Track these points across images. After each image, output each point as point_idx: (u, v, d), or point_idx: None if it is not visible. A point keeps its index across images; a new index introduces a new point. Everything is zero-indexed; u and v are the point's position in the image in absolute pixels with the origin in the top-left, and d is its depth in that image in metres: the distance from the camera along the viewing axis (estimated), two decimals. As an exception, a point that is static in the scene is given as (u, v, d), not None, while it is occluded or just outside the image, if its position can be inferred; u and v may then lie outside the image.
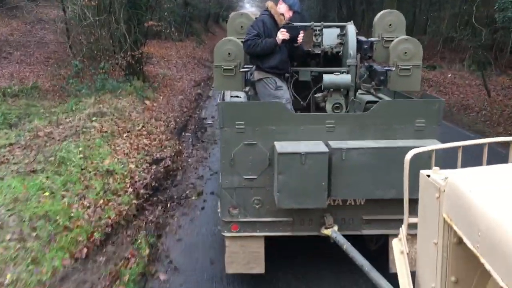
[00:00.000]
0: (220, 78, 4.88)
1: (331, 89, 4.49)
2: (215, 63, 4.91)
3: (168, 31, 17.75)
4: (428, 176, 1.67)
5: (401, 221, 2.03)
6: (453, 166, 1.84)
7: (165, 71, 18.02)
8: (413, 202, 1.92)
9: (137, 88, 12.99)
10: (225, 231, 4.24)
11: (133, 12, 14.03)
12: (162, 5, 17.39)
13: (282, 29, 4.63)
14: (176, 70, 19.42)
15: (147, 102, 12.36)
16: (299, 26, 4.84)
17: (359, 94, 5.06)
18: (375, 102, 4.72)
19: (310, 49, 5.23)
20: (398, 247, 1.97)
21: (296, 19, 5.13)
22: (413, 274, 1.90)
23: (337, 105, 4.46)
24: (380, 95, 5.20)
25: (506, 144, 1.88)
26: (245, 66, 4.92)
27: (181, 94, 14.74)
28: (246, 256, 4.26)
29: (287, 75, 4.95)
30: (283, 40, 4.63)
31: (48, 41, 17.55)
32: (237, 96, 5.24)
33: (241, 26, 5.22)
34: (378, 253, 4.30)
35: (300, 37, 4.81)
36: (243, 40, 4.81)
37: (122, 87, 12.64)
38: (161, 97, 13.48)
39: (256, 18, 5.04)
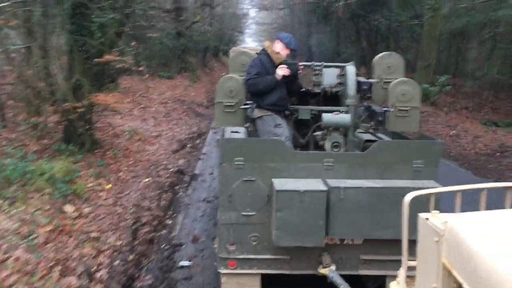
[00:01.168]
0: (221, 114, 4.94)
1: (330, 128, 4.54)
2: (216, 99, 4.98)
3: (134, 68, 13.51)
4: (427, 219, 1.68)
5: (398, 262, 2.02)
6: (450, 204, 1.86)
7: (136, 124, 12.32)
8: (411, 243, 1.92)
9: (67, 172, 6.93)
10: (222, 268, 4.19)
11: (79, 38, 8.13)
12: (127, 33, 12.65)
13: (281, 66, 4.75)
14: (153, 122, 13.56)
15: (69, 208, 6.13)
16: (297, 63, 4.96)
17: (357, 133, 5.12)
18: (373, 141, 4.76)
19: (310, 88, 5.32)
20: None
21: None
22: None
23: (336, 143, 4.51)
24: (379, 134, 5.25)
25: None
26: (246, 103, 4.99)
27: (148, 173, 8.88)
28: None
29: (287, 112, 5.02)
30: (283, 76, 4.73)
31: None
32: (237, 132, 5.29)
33: (243, 64, 5.33)
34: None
35: (300, 71, 4.94)
36: (244, 78, 4.92)
37: (35, 173, 6.29)
38: (108, 187, 7.47)
39: (256, 55, 5.16)
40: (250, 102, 4.97)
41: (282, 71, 4.73)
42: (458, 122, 15.28)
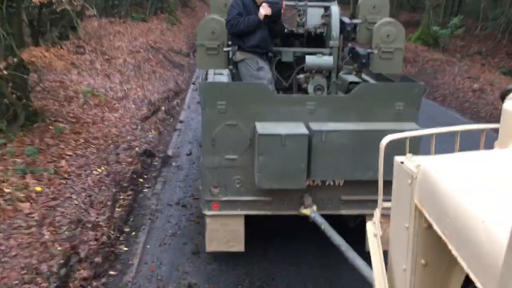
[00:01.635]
0: (203, 57, 4.85)
1: (313, 71, 4.50)
2: (198, 41, 4.86)
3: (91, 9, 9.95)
4: (402, 162, 1.72)
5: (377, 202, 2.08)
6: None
7: (96, 83, 9.68)
8: (389, 184, 1.97)
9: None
10: (206, 210, 4.28)
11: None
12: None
13: (264, 4, 4.63)
14: (119, 78, 10.67)
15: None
16: (278, 2, 4.83)
17: (341, 74, 5.09)
18: (357, 83, 4.75)
19: (293, 29, 5.22)
20: (372, 230, 2.04)
21: None
22: (386, 254, 1.97)
23: (319, 86, 4.49)
24: (364, 76, 5.23)
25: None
26: (229, 44, 4.89)
27: (103, 158, 6.57)
28: (227, 234, 4.32)
29: (269, 55, 4.94)
30: (266, 16, 4.62)
31: None
32: (221, 74, 5.23)
33: (225, 4, 5.17)
34: (356, 231, 4.40)
35: (283, 12, 4.82)
36: (225, 19, 4.79)
37: None
38: (37, 191, 5.16)
39: None
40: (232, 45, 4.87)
41: (264, 10, 4.62)
42: (477, 72, 13.31)
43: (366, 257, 3.35)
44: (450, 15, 19.00)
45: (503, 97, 1.71)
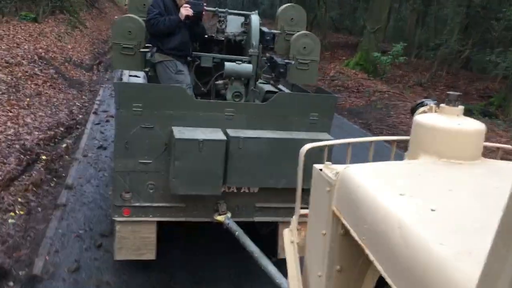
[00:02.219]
0: (118, 56, 4.65)
1: (232, 77, 4.51)
2: (112, 40, 4.67)
3: None
4: (321, 170, 1.76)
5: (290, 209, 2.12)
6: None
7: None
8: (304, 193, 2.01)
9: None
10: (116, 216, 4.09)
11: None
12: None
13: (185, 5, 4.57)
14: None
15: None
16: (200, 3, 4.80)
17: (259, 83, 5.16)
18: (274, 92, 4.85)
19: (213, 35, 5.20)
20: (288, 236, 2.06)
21: None
22: (301, 262, 2.00)
23: (237, 93, 4.51)
24: (280, 86, 5.35)
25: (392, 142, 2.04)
26: (146, 45, 4.75)
27: None
28: (137, 241, 4.16)
29: (189, 59, 4.88)
30: (187, 17, 4.56)
31: None
32: (137, 76, 5.05)
33: (144, 4, 5.03)
34: (268, 238, 4.45)
35: (204, 14, 4.79)
36: (145, 19, 4.65)
37: None
38: None
39: None
40: (150, 45, 4.73)
41: (185, 10, 4.56)
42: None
43: (278, 264, 3.45)
44: (389, 41, 17.89)
45: (413, 111, 1.83)
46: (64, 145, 7.35)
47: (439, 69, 16.16)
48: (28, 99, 8.37)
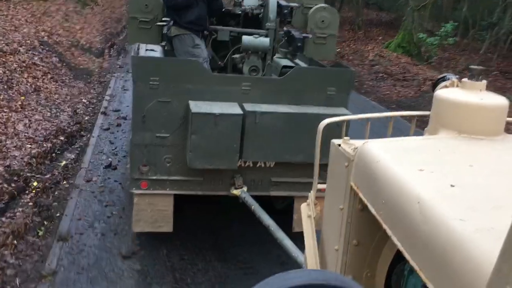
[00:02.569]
0: (135, 30, 4.64)
1: (249, 51, 4.47)
2: (130, 14, 4.65)
3: None
4: (339, 145, 1.75)
5: (306, 184, 2.12)
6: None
7: None
8: (321, 168, 2.01)
9: None
10: (134, 188, 4.16)
11: None
12: None
13: None
14: None
15: None
16: None
17: (276, 58, 5.11)
18: (291, 67, 4.80)
19: (230, 8, 5.14)
20: (305, 211, 2.07)
21: None
22: (318, 235, 2.02)
23: (254, 67, 4.48)
24: (297, 60, 5.29)
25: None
26: (163, 19, 4.72)
27: None
28: (154, 214, 4.23)
29: (205, 33, 4.84)
30: None
31: None
32: (153, 50, 5.05)
33: None
34: (284, 212, 4.48)
35: None
36: None
37: None
38: None
39: None
40: (167, 19, 4.70)
41: None
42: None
43: (293, 238, 3.48)
44: (440, 19, 15.42)
45: (434, 86, 1.80)
46: (63, 162, 5.75)
47: (489, 51, 13.99)
48: (22, 97, 6.75)
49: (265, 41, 4.47)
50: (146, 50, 4.97)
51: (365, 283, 1.68)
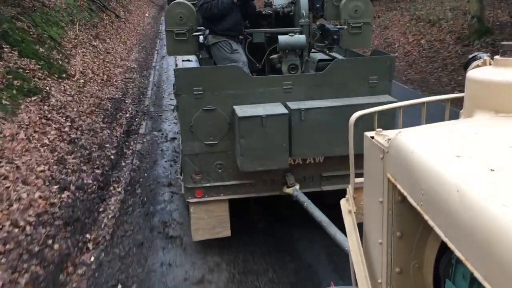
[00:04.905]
0: (172, 43, 4.79)
1: (287, 50, 4.49)
2: (166, 27, 4.80)
3: None
4: (372, 137, 1.74)
5: (358, 175, 2.11)
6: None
7: None
8: (361, 159, 1.98)
9: None
10: (190, 197, 4.29)
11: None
12: None
13: None
14: None
15: None
16: None
17: (311, 53, 5.09)
18: (326, 60, 4.77)
19: (261, 9, 5.18)
20: (345, 207, 2.06)
21: None
22: (360, 228, 2.00)
23: (292, 66, 4.49)
24: (333, 53, 5.25)
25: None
26: (198, 29, 4.84)
27: None
28: (212, 220, 4.34)
29: (241, 37, 4.91)
30: None
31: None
32: (189, 60, 5.18)
33: None
34: (336, 206, 4.45)
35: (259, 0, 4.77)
36: (195, 3, 4.72)
37: None
38: None
39: None
40: (202, 28, 4.81)
41: None
42: None
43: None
44: None
45: (465, 67, 1.73)
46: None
47: None
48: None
49: (301, 38, 4.47)
50: (183, 61, 5.11)
51: (413, 274, 1.65)
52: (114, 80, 11.28)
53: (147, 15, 25.33)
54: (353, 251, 1.89)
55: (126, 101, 10.21)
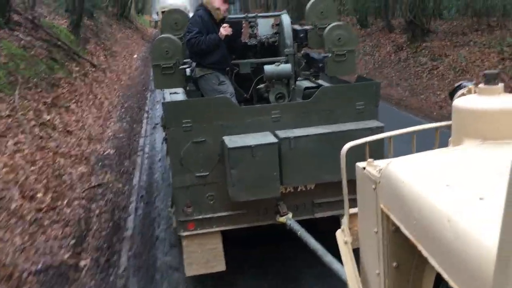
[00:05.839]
0: (159, 77, 4.81)
1: (273, 80, 4.54)
2: (152, 62, 4.84)
3: None
4: (364, 168, 1.76)
5: (351, 201, 2.11)
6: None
7: None
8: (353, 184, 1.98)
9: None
10: (182, 231, 4.23)
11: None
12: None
13: (224, 25, 4.64)
14: None
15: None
16: (239, 20, 4.86)
17: (297, 81, 5.16)
18: (312, 88, 4.83)
19: (246, 41, 5.26)
20: (341, 237, 2.06)
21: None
22: (356, 255, 1.99)
23: (280, 94, 4.53)
24: (319, 81, 5.33)
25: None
26: (184, 61, 4.88)
27: None
28: (205, 254, 4.28)
29: (227, 68, 4.96)
30: (226, 36, 4.64)
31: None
32: (176, 93, 5.21)
33: (175, 23, 5.16)
34: (330, 233, 4.42)
35: (244, 32, 4.85)
36: (181, 37, 4.78)
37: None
38: None
39: (192, 14, 5.00)
40: (189, 60, 4.86)
41: (225, 30, 4.63)
42: None
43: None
44: None
45: (451, 95, 1.78)
46: None
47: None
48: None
49: (286, 67, 4.53)
50: (170, 94, 5.13)
51: (412, 305, 1.65)
52: (64, 203, 5.74)
53: (135, 56, 20.94)
54: (350, 282, 1.88)
55: (80, 266, 4.77)
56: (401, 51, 15.09)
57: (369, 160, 1.75)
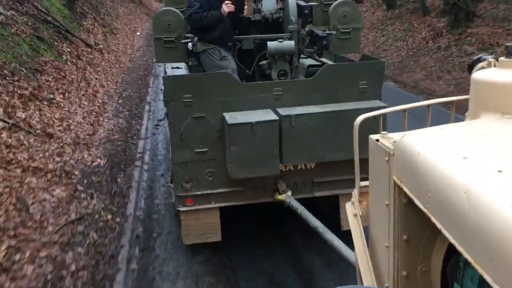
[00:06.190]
0: (161, 50, 4.74)
1: (276, 56, 4.48)
2: (154, 35, 4.75)
3: None
4: (377, 140, 1.73)
5: (350, 181, 2.10)
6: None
7: None
8: (363, 163, 1.97)
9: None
10: (180, 206, 4.23)
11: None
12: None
13: (226, 2, 4.55)
14: None
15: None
16: None
17: (300, 59, 5.10)
18: (316, 66, 4.78)
19: (250, 16, 5.17)
20: (351, 210, 2.05)
21: None
22: (365, 231, 1.98)
23: (282, 72, 4.48)
24: (323, 59, 5.26)
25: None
26: (187, 36, 4.81)
27: None
28: (203, 227, 4.29)
29: (230, 44, 4.89)
30: (229, 12, 4.56)
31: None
32: (178, 67, 5.14)
33: None
34: (330, 212, 4.43)
35: (246, 9, 4.77)
36: (183, 10, 4.69)
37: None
38: None
39: None
40: (191, 35, 4.78)
41: (227, 7, 4.54)
42: None
43: (341, 237, 3.42)
44: None
45: (470, 69, 1.74)
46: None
47: None
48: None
49: (290, 44, 4.47)
50: (172, 68, 5.06)
51: (420, 278, 1.64)
52: (26, 256, 3.83)
53: (138, 33, 19.04)
54: (359, 255, 1.87)
55: None
56: (440, 37, 13.37)
57: (383, 132, 1.72)
